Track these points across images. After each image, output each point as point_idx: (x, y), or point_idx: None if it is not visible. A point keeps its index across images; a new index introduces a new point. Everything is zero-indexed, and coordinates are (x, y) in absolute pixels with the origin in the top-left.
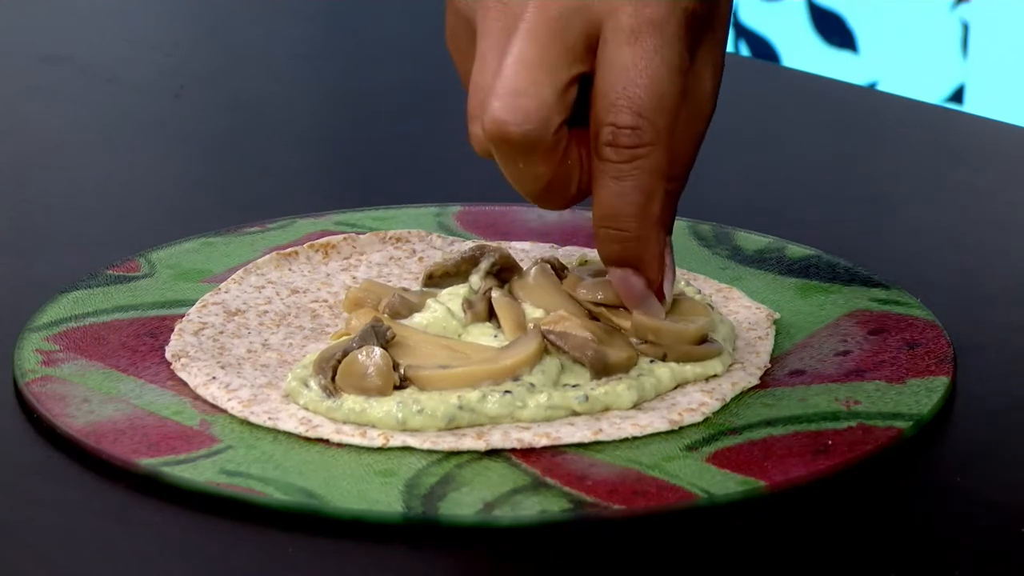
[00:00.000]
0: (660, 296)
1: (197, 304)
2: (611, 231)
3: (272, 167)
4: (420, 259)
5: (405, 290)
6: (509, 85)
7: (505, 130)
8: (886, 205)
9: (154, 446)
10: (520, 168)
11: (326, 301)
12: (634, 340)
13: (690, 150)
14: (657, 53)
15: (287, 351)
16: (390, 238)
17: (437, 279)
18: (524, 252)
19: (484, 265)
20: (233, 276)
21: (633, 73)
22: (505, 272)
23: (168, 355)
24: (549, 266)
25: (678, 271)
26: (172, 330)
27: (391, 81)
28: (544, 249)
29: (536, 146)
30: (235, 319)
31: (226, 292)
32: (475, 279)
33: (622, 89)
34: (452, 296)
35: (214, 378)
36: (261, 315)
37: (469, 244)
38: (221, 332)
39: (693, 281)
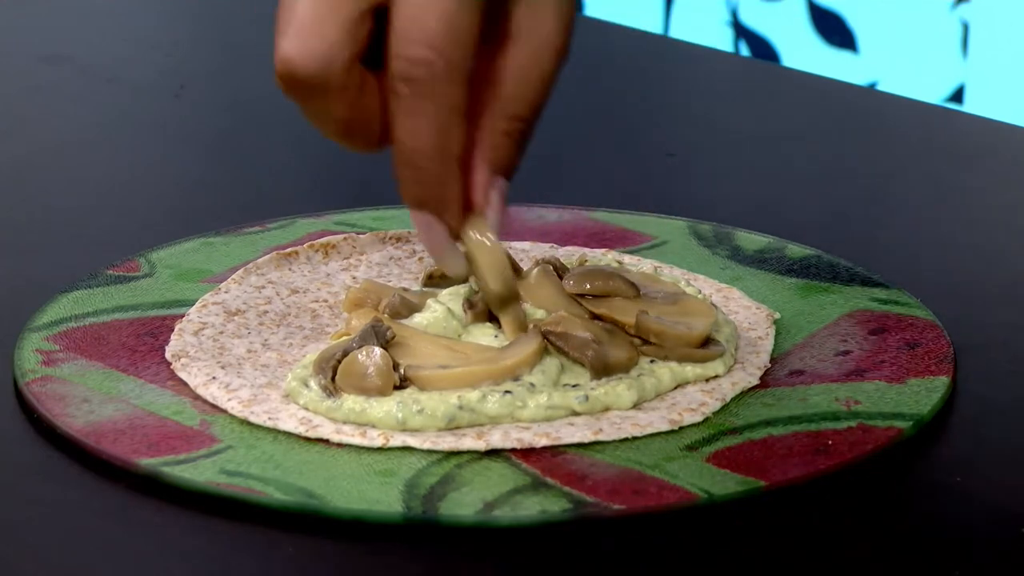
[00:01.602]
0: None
1: (197, 304)
2: (408, 171)
3: (272, 167)
4: (420, 259)
5: (405, 290)
6: (296, 23)
7: (291, 69)
8: (886, 205)
9: (154, 446)
10: (316, 108)
11: (326, 301)
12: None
13: (535, 90)
14: None
15: (287, 351)
16: (390, 238)
17: (437, 279)
18: (524, 252)
19: None
20: (233, 276)
21: (426, 5)
22: None
23: (168, 355)
24: (550, 267)
25: (679, 271)
26: (172, 330)
27: None
28: (544, 249)
29: (324, 85)
30: (235, 319)
31: (226, 292)
32: (474, 280)
33: (413, 21)
34: (453, 296)
35: (214, 378)
36: (261, 315)
37: None
38: (221, 332)
39: (693, 281)
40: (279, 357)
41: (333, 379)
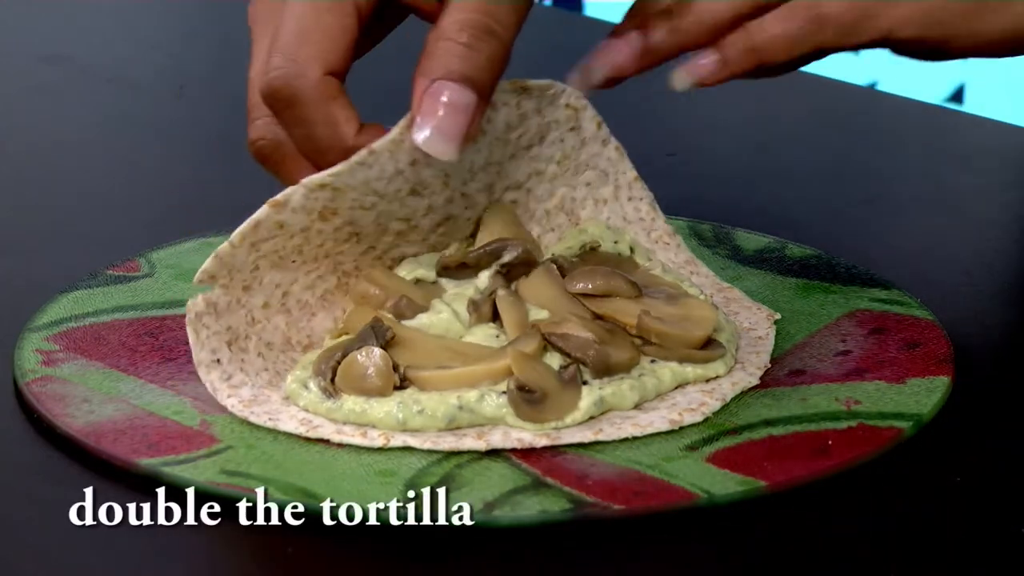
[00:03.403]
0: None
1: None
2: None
3: None
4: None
5: (414, 285)
6: (278, 43)
7: (268, 84)
8: (886, 205)
9: (154, 446)
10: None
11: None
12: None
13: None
14: None
15: (294, 328)
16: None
17: (453, 270)
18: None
19: (503, 260)
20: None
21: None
22: (523, 267)
23: (196, 279)
24: (553, 266)
25: (704, 268)
26: (172, 330)
27: (390, 81)
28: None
29: (294, 99)
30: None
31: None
32: (482, 279)
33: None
34: (457, 297)
35: (218, 361)
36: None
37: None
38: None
39: (697, 276)
40: (284, 336)
41: (333, 380)
